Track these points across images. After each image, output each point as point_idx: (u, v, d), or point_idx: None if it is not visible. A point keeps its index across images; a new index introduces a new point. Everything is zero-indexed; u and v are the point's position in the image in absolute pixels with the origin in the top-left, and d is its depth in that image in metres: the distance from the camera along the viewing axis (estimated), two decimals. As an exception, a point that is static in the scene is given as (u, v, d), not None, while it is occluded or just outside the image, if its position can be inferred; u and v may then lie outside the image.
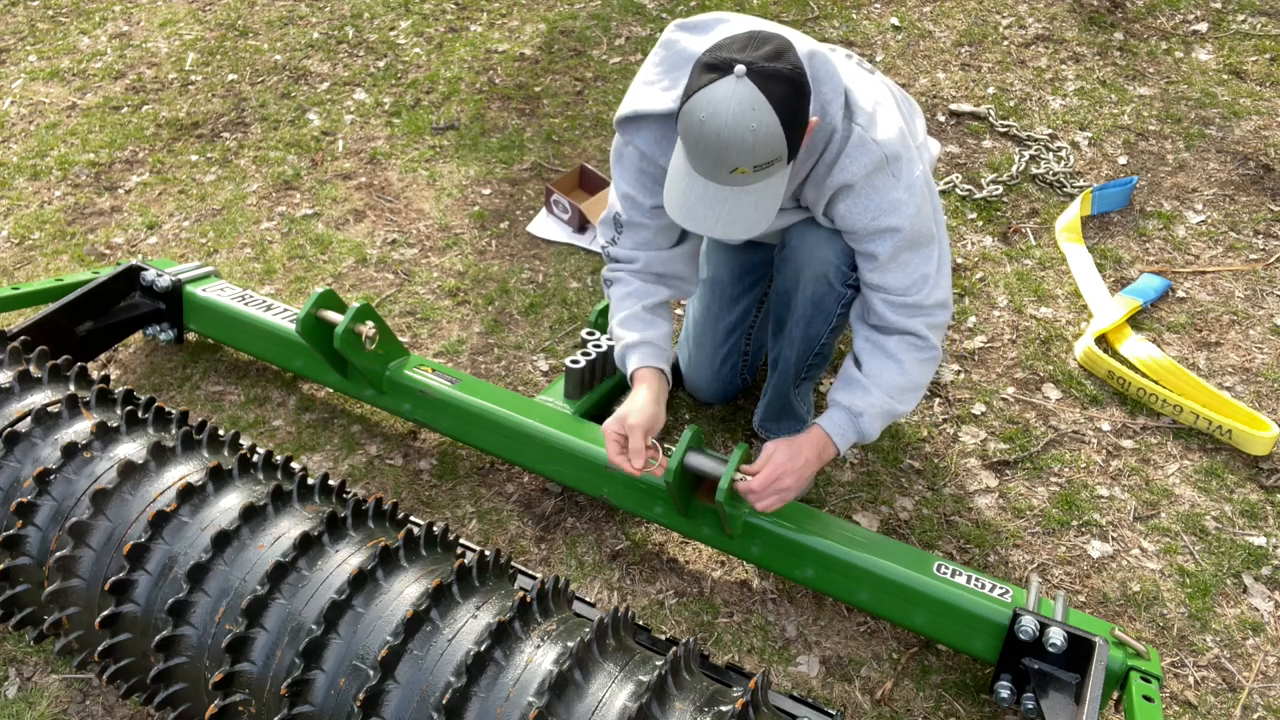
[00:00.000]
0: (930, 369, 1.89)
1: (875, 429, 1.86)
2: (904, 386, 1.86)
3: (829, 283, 1.94)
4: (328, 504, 1.64)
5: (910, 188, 1.76)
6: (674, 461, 1.80)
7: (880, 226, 1.77)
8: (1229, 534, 2.10)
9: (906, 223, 1.76)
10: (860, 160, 1.73)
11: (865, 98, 1.76)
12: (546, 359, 2.63)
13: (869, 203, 1.76)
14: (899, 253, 1.79)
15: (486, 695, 1.30)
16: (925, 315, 1.84)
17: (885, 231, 1.77)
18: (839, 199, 1.79)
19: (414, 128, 3.62)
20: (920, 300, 1.82)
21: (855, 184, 1.75)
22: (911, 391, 1.88)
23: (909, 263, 1.81)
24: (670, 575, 2.07)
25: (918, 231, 1.78)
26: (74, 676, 1.88)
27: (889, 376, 1.84)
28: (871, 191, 1.76)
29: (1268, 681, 1.85)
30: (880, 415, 1.85)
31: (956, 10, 4.02)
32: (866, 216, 1.77)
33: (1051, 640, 1.64)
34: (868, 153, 1.72)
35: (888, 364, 1.85)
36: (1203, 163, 3.18)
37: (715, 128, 1.53)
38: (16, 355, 1.91)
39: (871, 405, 1.84)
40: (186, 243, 3.13)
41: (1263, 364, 2.49)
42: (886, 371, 1.85)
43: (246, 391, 2.55)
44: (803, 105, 1.60)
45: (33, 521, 1.59)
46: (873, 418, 1.85)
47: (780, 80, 1.54)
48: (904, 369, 1.84)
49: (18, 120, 3.82)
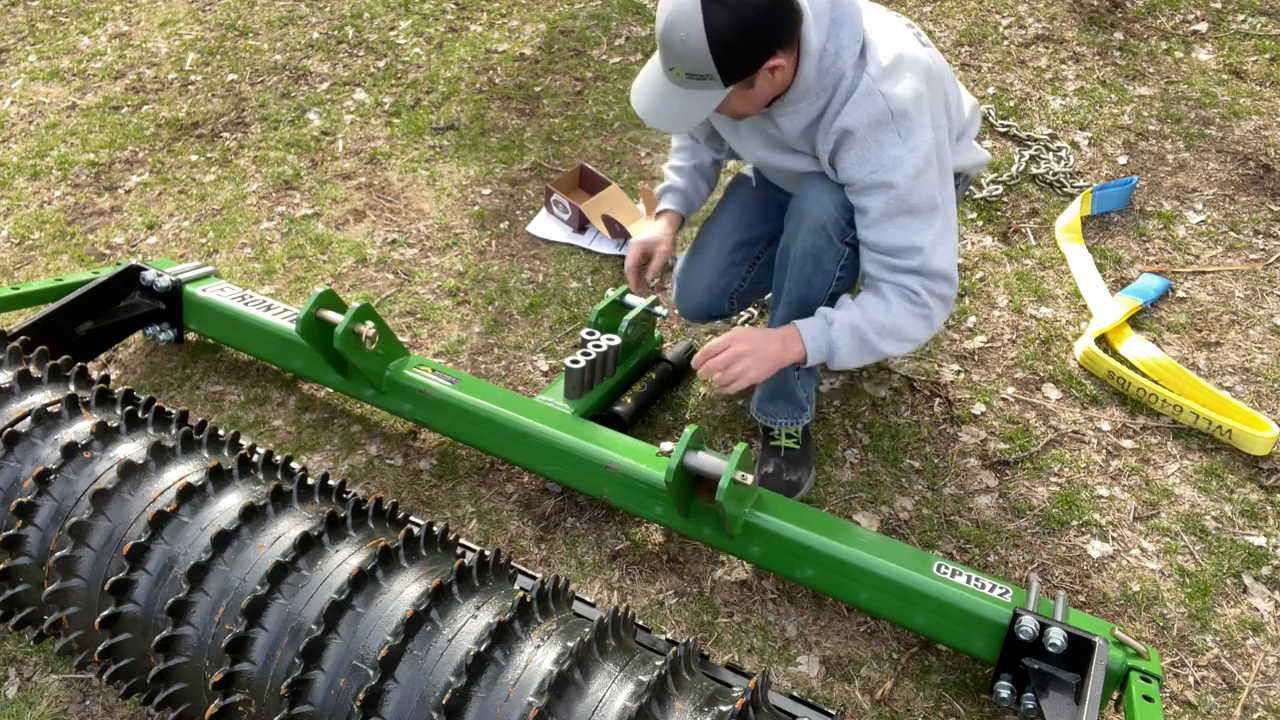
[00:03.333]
0: (919, 325, 1.89)
1: (846, 348, 1.87)
2: (885, 325, 1.87)
3: (826, 234, 1.94)
4: (328, 504, 1.64)
5: (915, 150, 1.78)
6: (674, 461, 1.80)
7: (877, 181, 1.79)
8: (1229, 534, 2.10)
9: (903, 181, 1.78)
10: (864, 108, 1.77)
11: (887, 53, 1.79)
12: (546, 359, 2.63)
13: (869, 155, 1.79)
14: (894, 213, 1.81)
15: (486, 695, 1.30)
16: (922, 278, 1.85)
17: (881, 186, 1.79)
18: (842, 147, 1.82)
19: (414, 128, 3.62)
20: (916, 267, 1.83)
21: (856, 132, 1.78)
22: (892, 335, 1.88)
23: (905, 226, 1.82)
24: (670, 575, 2.07)
25: (918, 196, 1.80)
26: (74, 676, 1.88)
27: (873, 309, 1.87)
28: (874, 144, 1.79)
29: (1268, 681, 1.85)
30: (852, 335, 1.87)
31: (956, 10, 4.02)
32: (866, 169, 1.80)
33: (1051, 640, 1.64)
34: (873, 102, 1.76)
35: (876, 300, 1.88)
36: (1203, 163, 3.18)
37: (660, 23, 1.70)
38: (16, 355, 1.91)
39: (847, 320, 1.87)
40: (186, 243, 3.13)
41: (1263, 364, 2.49)
42: (873, 305, 1.88)
43: (246, 391, 2.55)
44: (749, 41, 1.68)
45: (33, 521, 1.59)
46: (844, 329, 1.86)
47: (726, 9, 1.62)
48: (890, 310, 1.86)
49: (18, 120, 3.82)
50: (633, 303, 2.41)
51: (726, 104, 1.80)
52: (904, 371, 2.53)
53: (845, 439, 2.36)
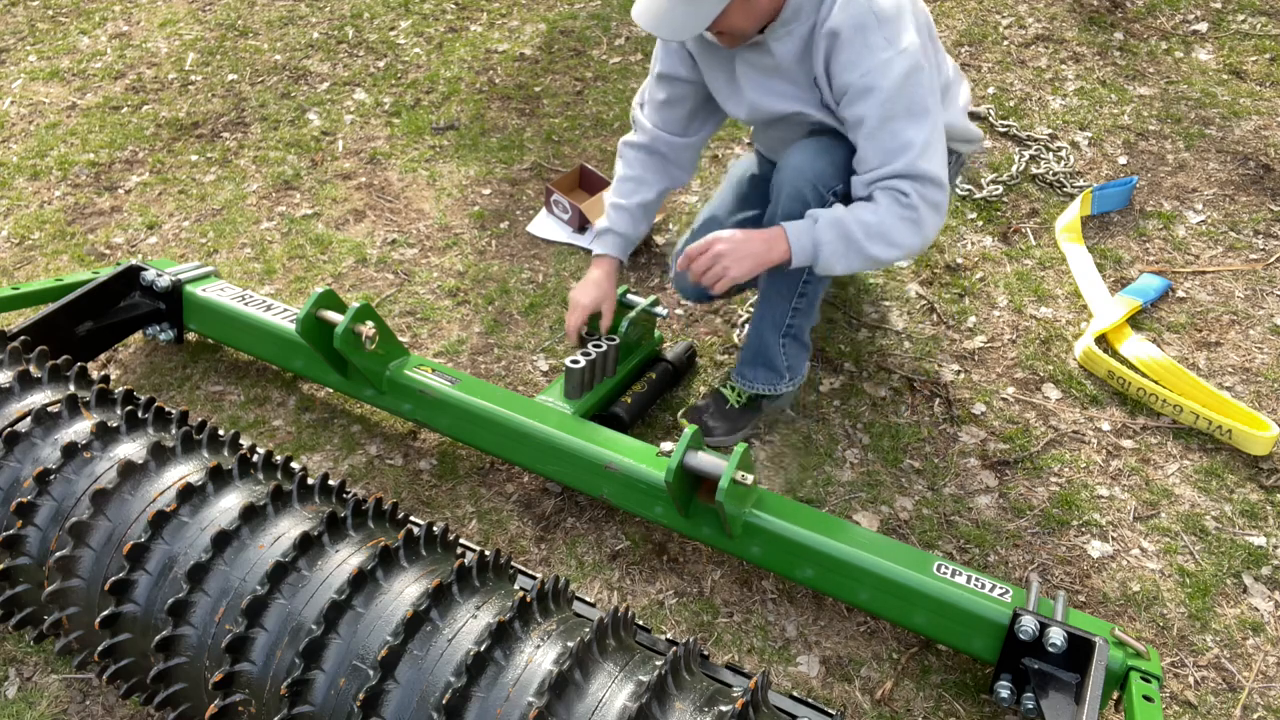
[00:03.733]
0: (908, 230, 1.88)
1: (830, 246, 1.89)
2: (872, 225, 1.87)
3: (805, 202, 1.96)
4: (328, 504, 1.64)
5: (904, 52, 1.82)
6: (674, 461, 1.80)
7: (868, 84, 1.82)
8: (1229, 534, 2.10)
9: (894, 83, 1.81)
10: (848, 10, 1.82)
11: None
12: (546, 359, 2.63)
13: (859, 59, 1.82)
14: (888, 117, 1.84)
15: (486, 695, 1.30)
16: (912, 181, 1.86)
17: (873, 89, 1.82)
18: (833, 52, 1.85)
19: (414, 128, 3.62)
20: (905, 167, 1.84)
21: (843, 33, 1.82)
22: (880, 238, 1.88)
23: (898, 130, 1.84)
24: (670, 575, 2.07)
25: (910, 98, 1.83)
26: (74, 676, 1.88)
27: (861, 209, 1.89)
28: (862, 48, 1.82)
29: (1268, 681, 1.85)
30: (838, 232, 1.88)
31: (956, 10, 4.02)
32: (856, 73, 1.83)
33: (1051, 640, 1.64)
34: (855, 5, 1.82)
35: (865, 203, 1.90)
36: (1203, 163, 3.18)
37: None
38: (16, 355, 1.91)
39: (831, 216, 1.89)
40: (186, 243, 3.13)
41: (1263, 364, 2.49)
42: (861, 206, 1.89)
43: (246, 391, 2.55)
44: None
45: (33, 521, 1.59)
46: (828, 225, 1.88)
47: None
48: (878, 211, 1.87)
49: (18, 120, 3.82)
50: (633, 302, 2.41)
51: (726, 17, 1.82)
52: (904, 371, 2.53)
53: (845, 439, 2.36)
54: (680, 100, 2.22)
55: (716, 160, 3.37)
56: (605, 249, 2.31)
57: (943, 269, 2.84)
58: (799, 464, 2.30)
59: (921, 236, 1.90)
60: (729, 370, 2.48)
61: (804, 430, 2.38)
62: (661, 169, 2.30)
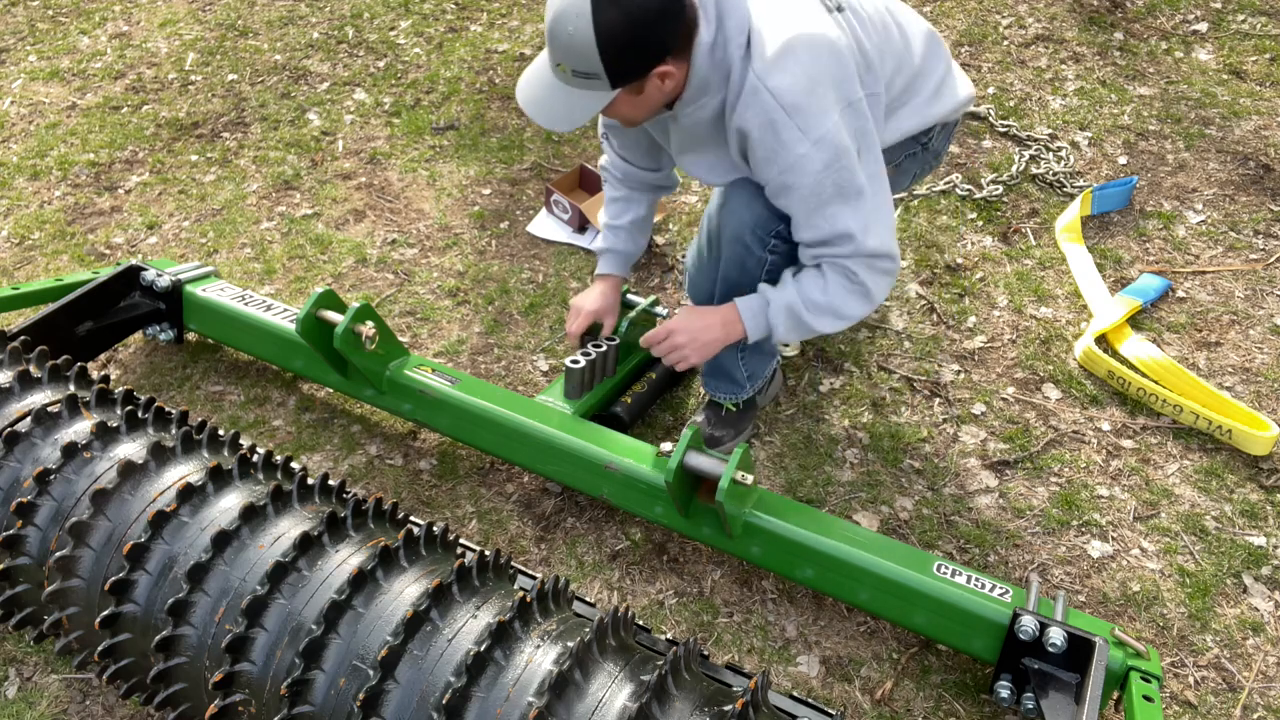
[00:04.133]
0: (857, 303, 1.87)
1: (784, 327, 1.90)
2: (821, 305, 1.86)
3: (745, 245, 1.95)
4: (328, 504, 1.64)
5: (819, 142, 1.69)
6: (674, 461, 1.80)
7: (786, 182, 1.75)
8: (1229, 534, 2.10)
9: (812, 179, 1.72)
10: (753, 109, 1.71)
11: (774, 39, 1.70)
12: (546, 359, 2.63)
13: (775, 156, 1.73)
14: (815, 208, 1.77)
15: (486, 695, 1.30)
16: (860, 260, 1.82)
17: (790, 189, 1.75)
18: (746, 149, 1.78)
19: (414, 128, 3.62)
20: (850, 252, 1.80)
21: (753, 134, 1.72)
22: (828, 313, 1.87)
23: (832, 216, 1.78)
24: (670, 575, 2.07)
25: (836, 186, 1.74)
26: (74, 676, 1.88)
27: (810, 288, 1.86)
28: (776, 145, 1.72)
29: (1268, 681, 1.85)
30: (789, 316, 1.88)
31: (956, 10, 4.02)
32: (774, 170, 1.75)
33: (1051, 640, 1.64)
34: (760, 102, 1.70)
35: (815, 279, 1.86)
36: (1203, 163, 3.18)
37: (549, 14, 1.64)
38: (16, 355, 1.91)
39: (783, 301, 1.88)
40: (186, 243, 3.13)
41: (1263, 364, 2.49)
42: (811, 284, 1.86)
43: (246, 391, 2.55)
44: (638, 44, 1.63)
45: (33, 521, 1.59)
46: (780, 311, 1.88)
47: (617, 8, 1.57)
48: (827, 290, 1.85)
49: (18, 120, 3.82)
50: (633, 302, 2.41)
51: (614, 108, 1.75)
52: (904, 372, 2.53)
53: (845, 439, 2.36)
54: (636, 141, 2.15)
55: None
56: (607, 269, 2.30)
57: (943, 269, 2.84)
58: (799, 464, 2.30)
59: (871, 304, 1.89)
60: None
61: (804, 430, 2.38)
62: (644, 188, 2.27)
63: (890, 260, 1.85)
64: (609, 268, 2.30)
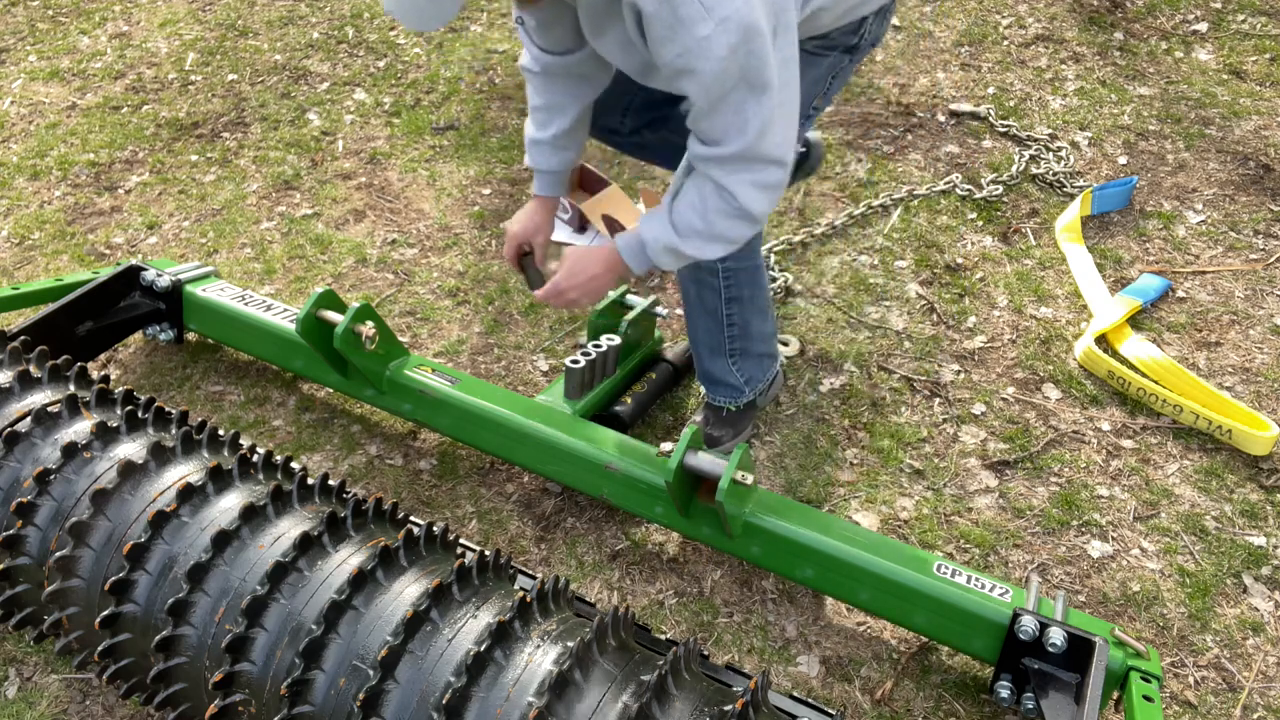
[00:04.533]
0: (737, 227, 1.75)
1: (666, 261, 1.84)
2: (700, 231, 1.75)
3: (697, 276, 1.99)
4: (328, 504, 1.64)
5: (724, 22, 1.48)
6: (674, 461, 1.80)
7: (685, 66, 1.54)
8: (1229, 534, 2.10)
9: (715, 64, 1.52)
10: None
11: None
12: (546, 359, 2.63)
13: (675, 35, 1.52)
14: (716, 98, 1.58)
15: (486, 695, 1.30)
16: (749, 170, 1.66)
17: (688, 73, 1.55)
18: (642, 27, 1.58)
19: (414, 128, 3.62)
20: (739, 151, 1.63)
21: (646, 8, 1.52)
22: (709, 240, 1.77)
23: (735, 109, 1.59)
24: (670, 575, 2.07)
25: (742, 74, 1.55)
26: (74, 676, 1.88)
27: (687, 214, 1.75)
28: (674, 22, 1.51)
29: (1268, 681, 1.85)
30: (666, 250, 1.81)
31: (956, 10, 4.02)
32: (672, 51, 1.54)
33: (1051, 640, 1.64)
34: None
35: (693, 201, 1.74)
36: (1203, 163, 3.18)
37: None
38: (16, 355, 1.91)
39: (659, 238, 1.79)
40: (186, 243, 3.13)
41: (1263, 364, 2.49)
42: (687, 209, 1.75)
43: (246, 391, 2.55)
44: None
45: (33, 521, 1.59)
46: (657, 249, 1.81)
47: None
48: (706, 217, 1.74)
49: (18, 120, 3.82)
50: (633, 303, 2.41)
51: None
52: (904, 372, 2.53)
53: (845, 439, 2.36)
54: (556, 18, 1.89)
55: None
56: (539, 189, 2.15)
57: (943, 269, 2.85)
58: (799, 464, 2.30)
59: (754, 225, 1.77)
60: None
61: (804, 430, 2.38)
62: (567, 85, 2.01)
63: (781, 169, 1.69)
64: (540, 189, 2.15)
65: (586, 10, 1.73)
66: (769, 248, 2.90)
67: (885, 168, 3.25)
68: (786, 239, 2.94)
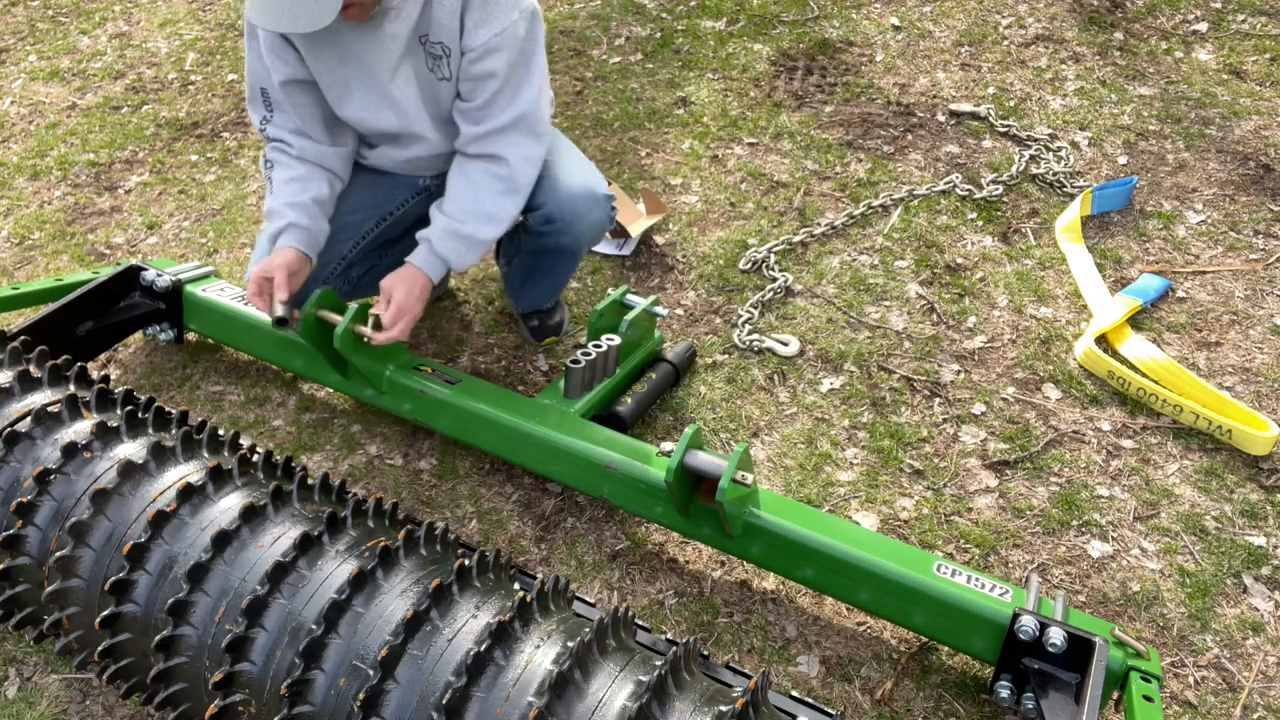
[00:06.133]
0: (508, 203, 2.06)
1: (456, 256, 2.06)
2: (475, 212, 2.04)
3: None
4: (328, 504, 1.64)
5: (524, 10, 1.97)
6: (674, 461, 1.80)
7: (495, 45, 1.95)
8: (1229, 534, 2.10)
9: (517, 45, 1.96)
10: None
11: None
12: (546, 359, 2.63)
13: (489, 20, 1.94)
14: (515, 70, 1.98)
15: (486, 695, 1.30)
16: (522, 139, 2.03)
17: (496, 51, 1.95)
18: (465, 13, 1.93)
19: (414, 128, 3.61)
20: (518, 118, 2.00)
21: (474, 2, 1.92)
22: (486, 220, 2.05)
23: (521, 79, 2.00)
24: (670, 575, 2.07)
25: (529, 53, 2.00)
26: (74, 676, 1.88)
27: (460, 200, 2.04)
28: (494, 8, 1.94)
29: (1268, 681, 1.85)
30: (453, 243, 2.04)
31: (956, 10, 4.02)
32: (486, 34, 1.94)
33: (1051, 640, 1.64)
34: None
35: (465, 190, 2.05)
36: (1203, 163, 3.18)
37: None
38: (16, 355, 1.91)
39: (442, 238, 2.05)
40: (186, 243, 3.13)
41: (1263, 364, 2.49)
42: (461, 197, 2.04)
43: (246, 391, 2.55)
44: None
45: (33, 521, 1.60)
46: (444, 247, 2.04)
47: None
48: (478, 195, 2.03)
49: (18, 120, 3.82)
50: (633, 303, 2.41)
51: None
52: (904, 372, 2.53)
53: (845, 439, 2.36)
54: (312, 110, 2.14)
55: (716, 160, 3.37)
56: (289, 242, 2.09)
57: (943, 269, 2.84)
58: (799, 464, 2.30)
59: (520, 197, 2.08)
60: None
61: (804, 430, 2.38)
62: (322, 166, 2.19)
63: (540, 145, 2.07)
64: (291, 241, 2.09)
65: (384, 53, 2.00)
66: (769, 248, 2.90)
67: (885, 168, 3.25)
68: (786, 239, 2.94)
